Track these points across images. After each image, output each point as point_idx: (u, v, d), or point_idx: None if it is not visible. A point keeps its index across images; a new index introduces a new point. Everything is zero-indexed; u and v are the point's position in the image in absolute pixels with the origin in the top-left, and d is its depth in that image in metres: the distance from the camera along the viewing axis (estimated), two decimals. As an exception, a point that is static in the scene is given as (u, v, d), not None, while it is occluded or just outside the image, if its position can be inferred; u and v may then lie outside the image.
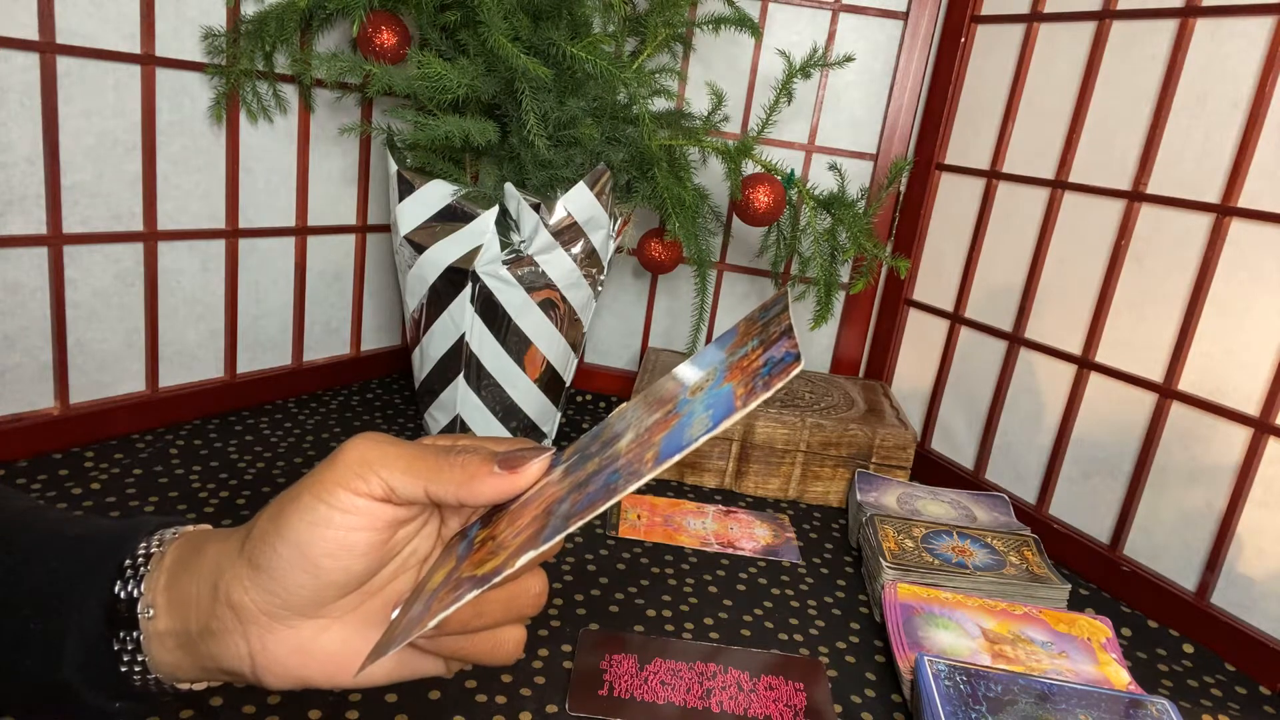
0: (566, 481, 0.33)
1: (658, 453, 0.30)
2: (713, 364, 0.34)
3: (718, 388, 0.32)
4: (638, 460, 0.31)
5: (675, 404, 0.33)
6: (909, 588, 0.80)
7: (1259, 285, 0.82)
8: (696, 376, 0.34)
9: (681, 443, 0.30)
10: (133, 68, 0.88)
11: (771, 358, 0.31)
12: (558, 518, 0.31)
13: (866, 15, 1.17)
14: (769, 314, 0.35)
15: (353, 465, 0.32)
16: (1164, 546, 0.89)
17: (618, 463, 0.32)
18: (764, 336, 0.33)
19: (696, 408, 0.31)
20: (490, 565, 0.31)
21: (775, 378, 0.29)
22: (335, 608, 0.34)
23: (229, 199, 0.99)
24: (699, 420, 0.30)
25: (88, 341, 0.91)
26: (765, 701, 0.66)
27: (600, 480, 0.32)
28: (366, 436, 0.33)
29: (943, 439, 1.15)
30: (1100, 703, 0.66)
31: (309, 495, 0.32)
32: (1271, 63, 0.81)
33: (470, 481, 0.33)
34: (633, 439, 0.33)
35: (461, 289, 0.95)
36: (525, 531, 0.32)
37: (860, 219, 0.99)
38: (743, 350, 0.33)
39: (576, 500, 0.31)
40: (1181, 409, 0.87)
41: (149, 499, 0.84)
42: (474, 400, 1.00)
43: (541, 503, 0.33)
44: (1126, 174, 0.93)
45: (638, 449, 0.32)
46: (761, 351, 0.32)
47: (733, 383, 0.31)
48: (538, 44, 0.89)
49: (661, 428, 0.32)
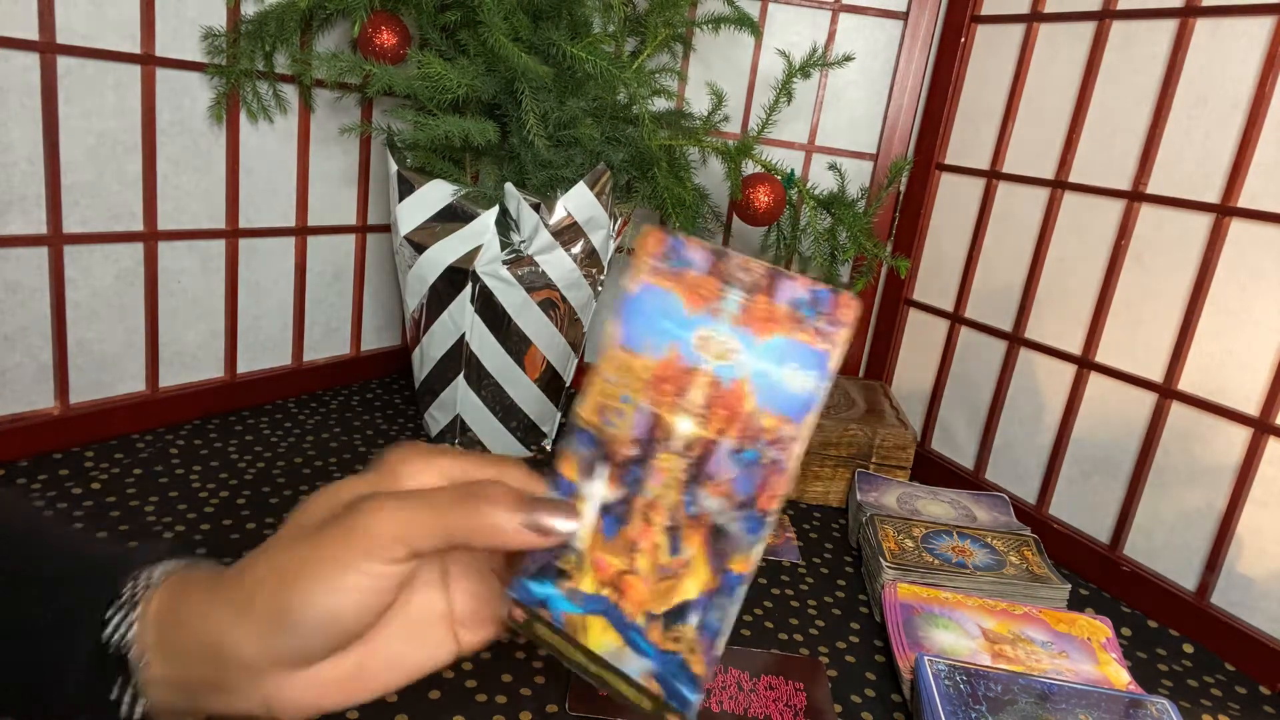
0: (657, 487, 0.32)
1: (778, 415, 0.30)
2: (694, 328, 0.32)
3: (760, 343, 0.30)
4: (758, 431, 0.30)
5: (710, 374, 0.31)
6: (909, 588, 0.80)
7: (1259, 285, 0.82)
8: (685, 344, 0.32)
9: (801, 398, 0.30)
10: (133, 68, 0.88)
11: (799, 299, 0.30)
12: (730, 511, 0.30)
13: (866, 15, 1.17)
14: (688, 261, 0.32)
15: (383, 536, 0.31)
16: (1164, 546, 0.89)
17: (724, 443, 0.31)
18: (743, 284, 0.31)
19: (762, 367, 0.30)
20: (698, 583, 0.30)
21: (838, 313, 0.29)
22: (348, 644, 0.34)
23: (229, 199, 0.99)
24: (790, 375, 0.30)
25: (88, 341, 0.91)
26: (765, 701, 0.66)
27: (726, 464, 0.30)
28: (387, 505, 0.31)
29: (943, 439, 1.15)
30: (1100, 703, 0.66)
31: (335, 565, 0.31)
32: (1271, 63, 0.81)
33: (493, 535, 0.32)
34: (699, 420, 0.31)
35: (461, 289, 0.95)
36: (692, 542, 0.31)
37: (860, 219, 0.99)
38: (732, 305, 0.31)
39: (724, 490, 0.30)
40: (1181, 409, 0.87)
41: (149, 499, 0.84)
42: (474, 400, 1.00)
43: (647, 516, 0.32)
44: (1126, 174, 0.93)
45: (734, 424, 0.30)
46: (768, 298, 0.31)
47: (780, 334, 0.30)
48: (538, 44, 0.89)
49: (734, 398, 0.31)
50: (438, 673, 0.65)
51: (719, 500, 0.30)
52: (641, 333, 0.33)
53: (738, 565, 0.30)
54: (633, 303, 0.33)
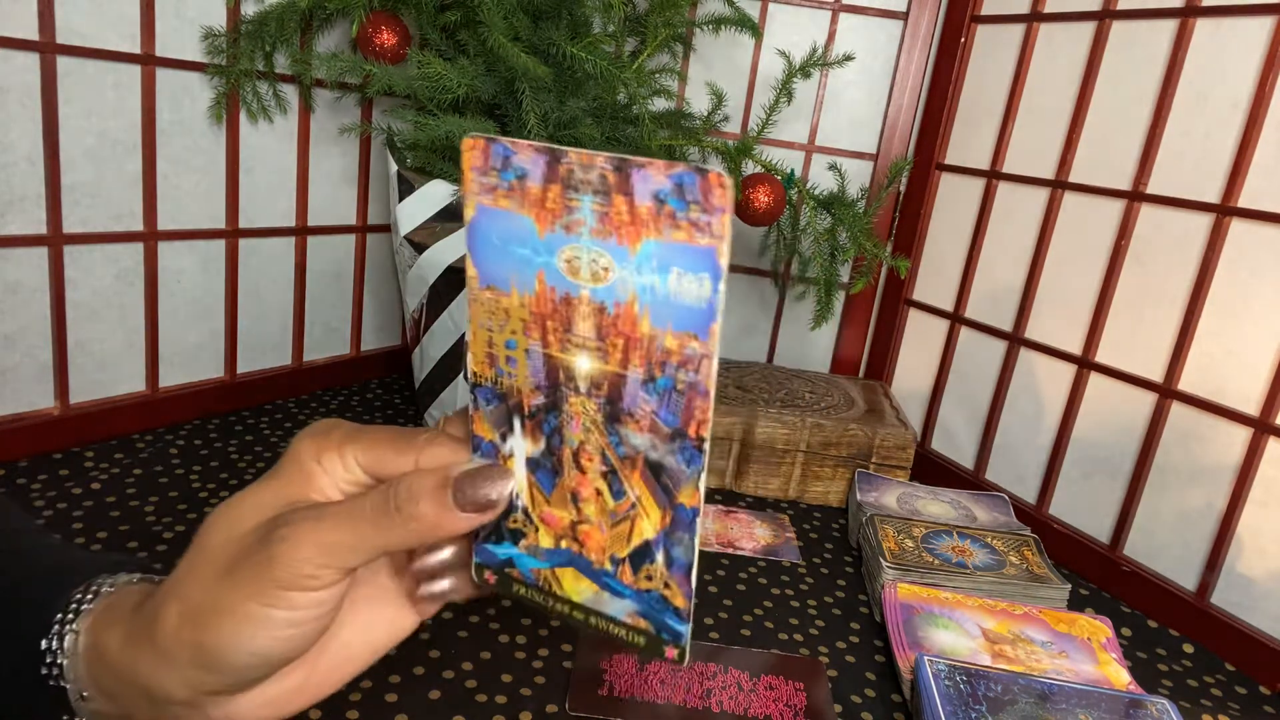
0: (578, 433, 0.29)
1: (680, 334, 0.26)
2: (555, 250, 0.27)
3: (632, 256, 0.26)
4: (663, 354, 0.26)
5: (587, 300, 0.27)
6: (909, 588, 0.80)
7: (1259, 285, 0.82)
8: (550, 270, 0.27)
9: (700, 309, 0.25)
10: (133, 68, 0.88)
11: (660, 191, 0.25)
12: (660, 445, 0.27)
13: (866, 15, 1.17)
14: (513, 168, 0.27)
15: (302, 566, 0.28)
16: (1164, 546, 0.89)
17: (629, 374, 0.27)
18: (587, 189, 0.26)
19: (643, 281, 0.26)
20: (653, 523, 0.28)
21: (708, 200, 0.24)
22: None
23: (229, 199, 0.99)
24: (677, 283, 0.25)
25: (88, 341, 0.91)
26: (765, 701, 0.66)
27: (637, 395, 0.27)
28: (304, 533, 0.28)
29: (943, 439, 1.15)
30: (1100, 703, 0.66)
31: (257, 605, 0.28)
32: (1271, 63, 0.81)
33: (434, 529, 0.29)
34: (596, 354, 0.28)
35: (461, 289, 0.95)
36: (632, 484, 0.28)
37: (860, 219, 0.99)
38: (584, 214, 0.26)
39: (647, 425, 0.27)
40: (1181, 409, 0.87)
41: (149, 499, 0.84)
42: (474, 400, 1.00)
43: (581, 464, 0.29)
44: (1126, 174, 0.93)
45: (636, 352, 0.27)
46: (625, 201, 0.25)
47: (649, 239, 0.25)
48: (538, 44, 0.89)
49: (626, 322, 0.27)
50: (438, 673, 0.65)
51: (646, 436, 0.28)
52: (499, 266, 0.28)
53: (686, 498, 0.28)
54: (477, 232, 0.28)
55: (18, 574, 0.34)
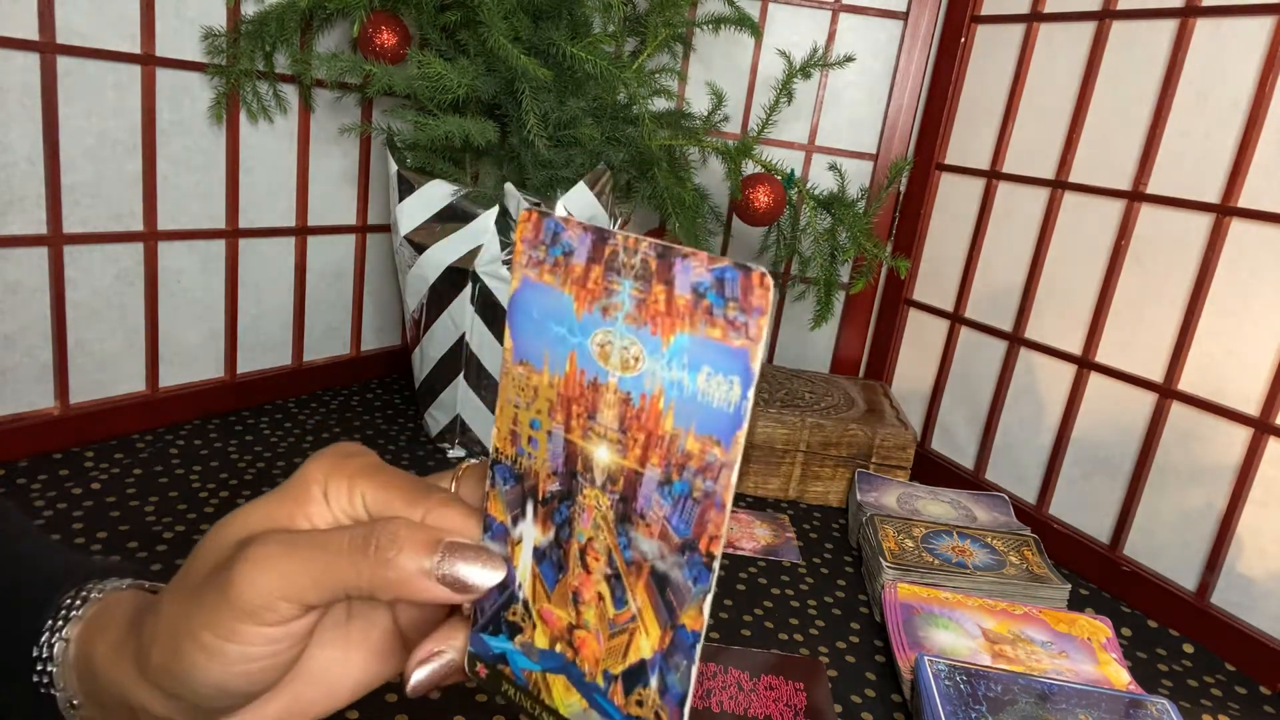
0: (587, 528, 0.28)
1: (701, 437, 0.25)
2: (590, 332, 0.27)
3: (665, 348, 0.26)
4: (683, 457, 0.25)
5: (614, 389, 0.27)
6: (909, 588, 0.80)
7: (1259, 285, 0.82)
8: (582, 353, 0.27)
9: (727, 413, 0.24)
10: (133, 68, 0.88)
11: (698, 284, 0.24)
12: (670, 557, 0.26)
13: (866, 15, 1.17)
14: (560, 243, 0.27)
15: (256, 600, 0.27)
16: (1164, 546, 0.89)
17: (645, 474, 0.26)
18: (630, 272, 0.26)
19: (673, 377, 0.25)
20: (652, 642, 0.27)
21: (749, 298, 0.24)
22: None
23: (229, 199, 0.99)
24: (706, 384, 0.25)
25: (88, 341, 0.91)
26: (765, 701, 0.66)
27: (651, 499, 0.26)
28: (261, 558, 0.27)
29: (943, 439, 1.15)
30: (1100, 703, 0.66)
31: (210, 636, 0.27)
32: (1271, 63, 0.81)
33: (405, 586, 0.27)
34: (616, 448, 0.27)
35: (461, 289, 0.95)
36: (636, 594, 0.27)
37: (860, 219, 0.99)
38: (623, 298, 0.26)
39: (657, 531, 0.26)
40: (1181, 409, 0.87)
41: (149, 499, 0.84)
42: (474, 400, 1.00)
43: (586, 563, 0.28)
44: (1126, 174, 0.93)
45: (654, 450, 0.26)
46: (665, 287, 0.25)
47: (682, 332, 0.25)
48: (538, 44, 0.89)
49: (650, 417, 0.26)
50: (438, 673, 0.65)
51: (655, 543, 0.26)
52: (534, 342, 0.28)
53: (690, 620, 0.26)
54: (518, 304, 0.28)
55: (15, 576, 0.34)
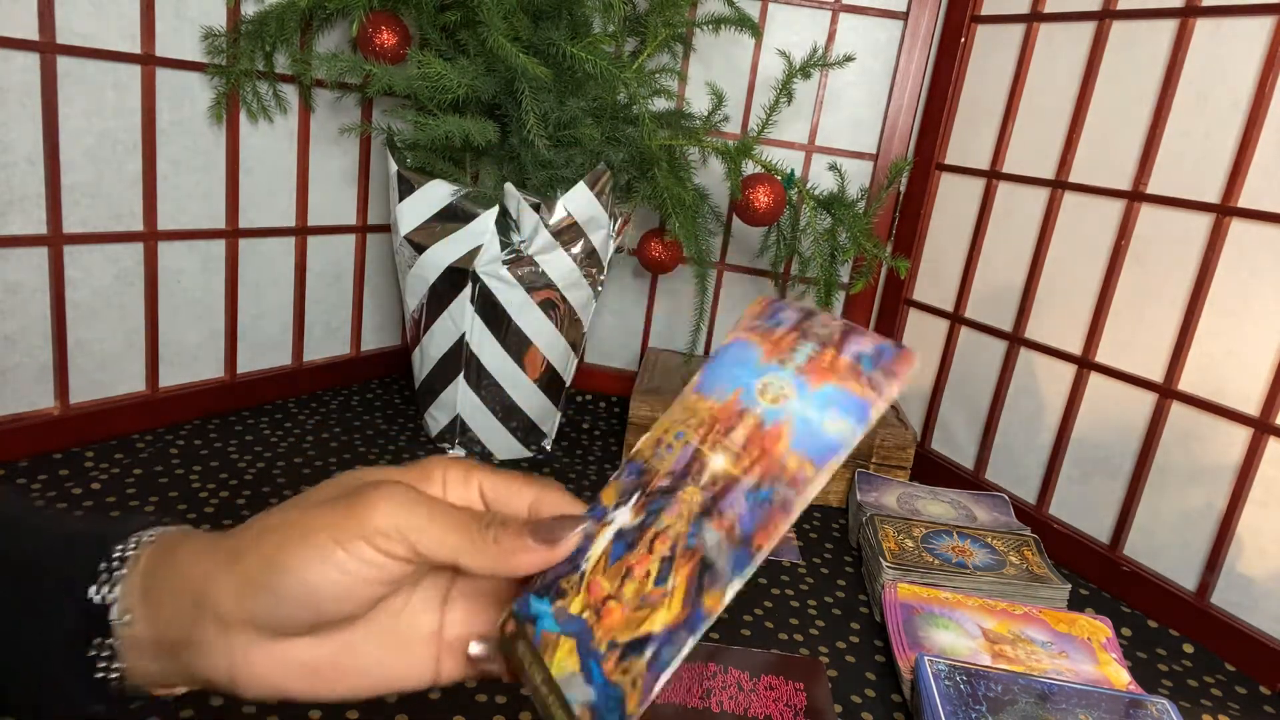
0: (669, 518, 0.32)
1: (805, 458, 0.30)
2: (761, 376, 0.33)
3: (812, 390, 0.31)
4: (781, 470, 0.30)
5: (759, 417, 0.32)
6: (909, 588, 0.80)
7: (1259, 285, 0.82)
8: (748, 389, 0.33)
9: (833, 443, 0.29)
10: (133, 68, 0.88)
11: (863, 353, 0.30)
12: (723, 547, 0.30)
13: (866, 15, 1.17)
14: (779, 320, 0.34)
15: (382, 523, 0.30)
16: (1164, 546, 0.89)
17: (744, 481, 0.31)
18: (817, 338, 0.32)
19: (807, 413, 0.30)
20: (665, 617, 0.30)
21: (894, 366, 0.29)
22: (324, 628, 0.33)
23: (229, 199, 0.99)
24: (831, 421, 0.30)
25: (88, 341, 0.91)
26: (765, 701, 0.66)
27: (741, 501, 0.30)
28: (397, 495, 0.31)
29: (943, 439, 1.15)
30: (1100, 703, 0.66)
31: (327, 536, 0.30)
32: (1271, 63, 0.81)
33: (507, 557, 0.32)
34: (732, 458, 0.32)
35: (461, 289, 0.95)
36: (679, 574, 0.30)
37: (860, 219, 0.99)
38: (801, 355, 0.32)
39: (727, 525, 0.30)
40: (1181, 409, 0.87)
41: (149, 499, 0.84)
42: (474, 400, 1.00)
43: (650, 545, 0.32)
44: (1126, 174, 0.93)
45: (763, 464, 0.30)
46: (836, 352, 0.31)
47: (831, 383, 0.30)
48: (538, 44, 0.89)
49: (772, 439, 0.31)
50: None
51: (719, 534, 0.30)
52: (715, 379, 0.34)
53: (711, 600, 0.29)
54: (722, 353, 0.35)
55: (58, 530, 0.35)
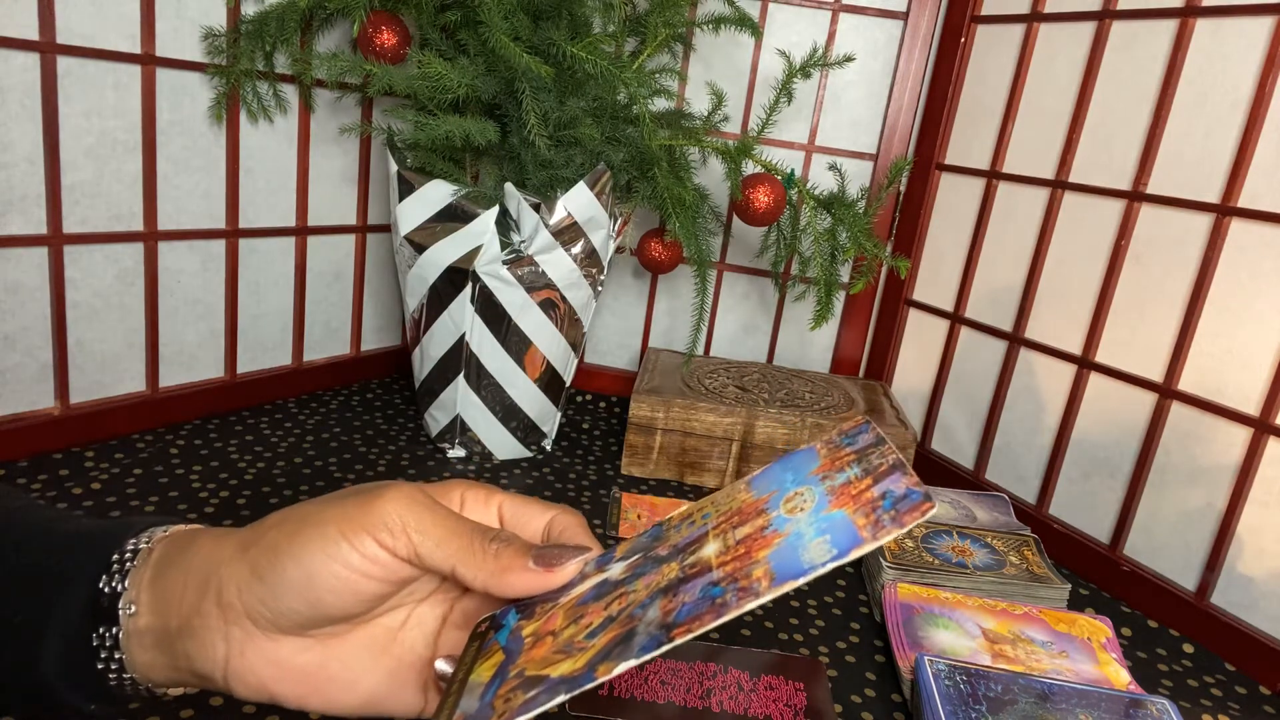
0: (640, 585, 0.32)
1: (771, 572, 0.29)
2: (801, 485, 0.33)
3: (825, 511, 0.31)
4: (744, 576, 0.30)
5: (769, 521, 0.32)
6: (909, 588, 0.80)
7: (1259, 285, 0.82)
8: (782, 494, 0.33)
9: (802, 567, 0.29)
10: (133, 68, 0.88)
11: (892, 492, 0.30)
12: (651, 625, 0.30)
13: (866, 15, 1.17)
14: (855, 442, 0.34)
15: (388, 518, 0.31)
16: (1164, 546, 0.89)
17: (712, 574, 0.31)
18: (866, 466, 0.32)
19: (804, 529, 0.30)
20: (566, 668, 0.30)
21: (906, 514, 0.28)
22: (320, 631, 0.34)
23: (229, 199, 0.99)
24: (816, 545, 0.29)
25: (88, 341, 0.91)
26: (765, 701, 0.66)
27: (695, 590, 0.31)
28: (408, 493, 0.32)
29: (943, 439, 1.15)
30: (1100, 702, 0.66)
31: (334, 528, 0.31)
32: (1271, 63, 0.81)
33: (503, 573, 0.32)
34: (721, 550, 0.32)
35: (461, 289, 0.95)
36: (605, 634, 0.31)
37: (860, 219, 0.99)
38: (842, 476, 0.32)
39: (670, 609, 0.30)
40: (1181, 409, 0.87)
41: (149, 499, 0.84)
42: (474, 400, 1.00)
43: (609, 604, 0.32)
44: (1126, 174, 0.93)
45: (737, 563, 0.31)
46: (871, 483, 0.31)
47: (845, 510, 0.30)
48: (538, 44, 0.89)
49: (760, 544, 0.31)
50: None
51: (658, 614, 0.31)
52: (768, 477, 0.35)
53: (602, 670, 0.29)
54: (788, 455, 0.35)
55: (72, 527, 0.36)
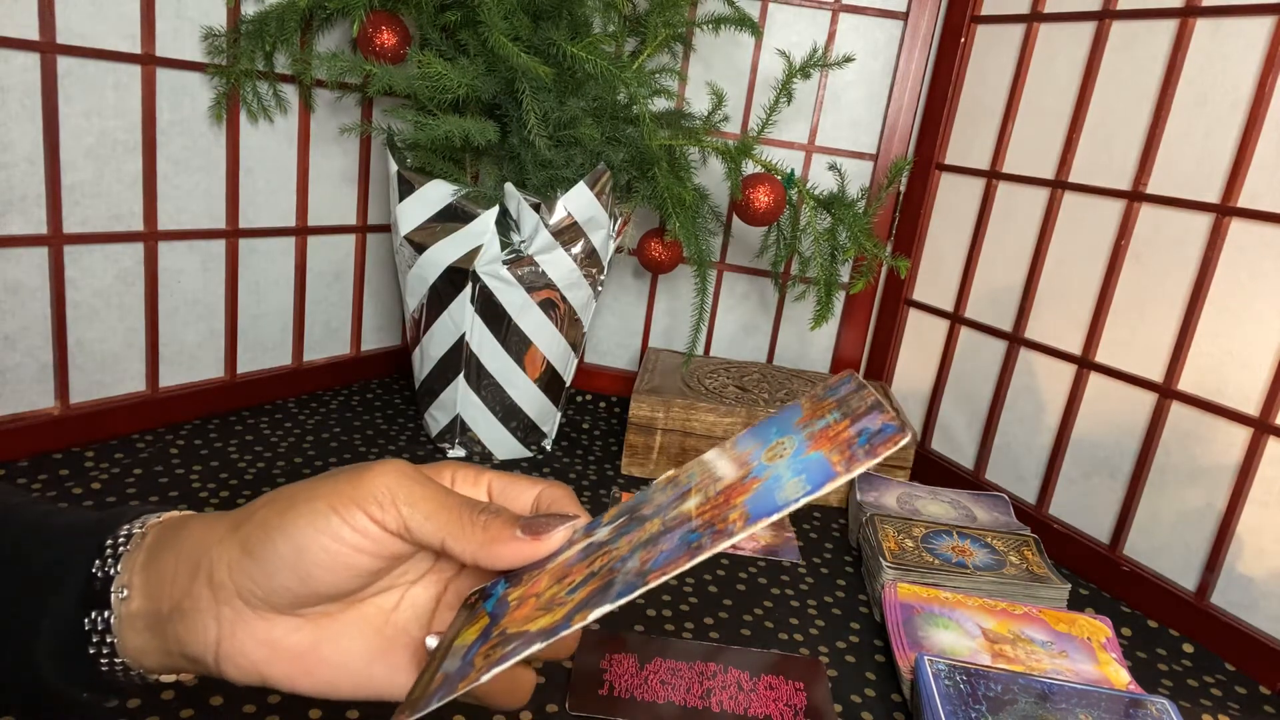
0: (624, 541, 0.33)
1: (746, 513, 0.29)
2: (783, 435, 0.33)
3: (804, 455, 0.31)
4: (720, 520, 0.30)
5: (749, 470, 0.32)
6: (909, 588, 0.80)
7: (1259, 285, 0.82)
8: (765, 446, 0.33)
9: (776, 504, 0.29)
10: (133, 68, 0.88)
11: (867, 429, 0.30)
12: (629, 574, 0.30)
13: (866, 15, 1.17)
14: (837, 392, 0.34)
15: (378, 491, 0.31)
16: (1164, 546, 0.89)
17: (692, 523, 0.31)
18: (846, 410, 0.32)
19: (783, 472, 0.30)
20: (545, 621, 0.30)
21: (880, 446, 0.28)
22: (312, 610, 0.34)
23: (229, 199, 0.99)
24: (792, 483, 0.29)
25: (88, 341, 0.91)
26: (765, 701, 0.66)
27: (674, 539, 0.31)
28: (397, 467, 0.32)
29: (943, 439, 1.15)
30: (1100, 702, 0.66)
31: (324, 503, 0.31)
32: (1271, 63, 0.81)
33: (491, 544, 0.32)
34: (702, 502, 0.32)
35: (461, 289, 0.95)
36: (586, 587, 0.31)
37: (860, 219, 0.99)
38: (822, 422, 0.32)
39: (648, 558, 0.30)
40: (1181, 409, 0.87)
41: (149, 499, 0.84)
42: (474, 400, 1.00)
43: (593, 561, 0.32)
44: (1126, 174, 0.93)
45: (715, 510, 0.31)
46: (849, 423, 0.31)
47: (822, 450, 0.30)
48: (538, 44, 0.89)
49: (739, 491, 0.31)
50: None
51: (636, 564, 0.31)
52: (754, 433, 0.35)
53: (578, 618, 0.29)
54: (776, 417, 0.35)
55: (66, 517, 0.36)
